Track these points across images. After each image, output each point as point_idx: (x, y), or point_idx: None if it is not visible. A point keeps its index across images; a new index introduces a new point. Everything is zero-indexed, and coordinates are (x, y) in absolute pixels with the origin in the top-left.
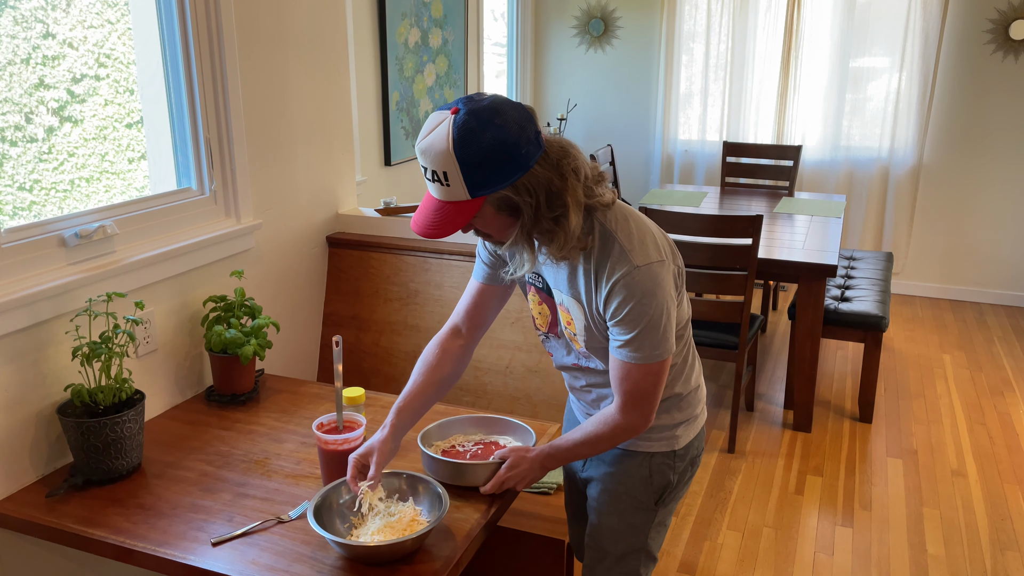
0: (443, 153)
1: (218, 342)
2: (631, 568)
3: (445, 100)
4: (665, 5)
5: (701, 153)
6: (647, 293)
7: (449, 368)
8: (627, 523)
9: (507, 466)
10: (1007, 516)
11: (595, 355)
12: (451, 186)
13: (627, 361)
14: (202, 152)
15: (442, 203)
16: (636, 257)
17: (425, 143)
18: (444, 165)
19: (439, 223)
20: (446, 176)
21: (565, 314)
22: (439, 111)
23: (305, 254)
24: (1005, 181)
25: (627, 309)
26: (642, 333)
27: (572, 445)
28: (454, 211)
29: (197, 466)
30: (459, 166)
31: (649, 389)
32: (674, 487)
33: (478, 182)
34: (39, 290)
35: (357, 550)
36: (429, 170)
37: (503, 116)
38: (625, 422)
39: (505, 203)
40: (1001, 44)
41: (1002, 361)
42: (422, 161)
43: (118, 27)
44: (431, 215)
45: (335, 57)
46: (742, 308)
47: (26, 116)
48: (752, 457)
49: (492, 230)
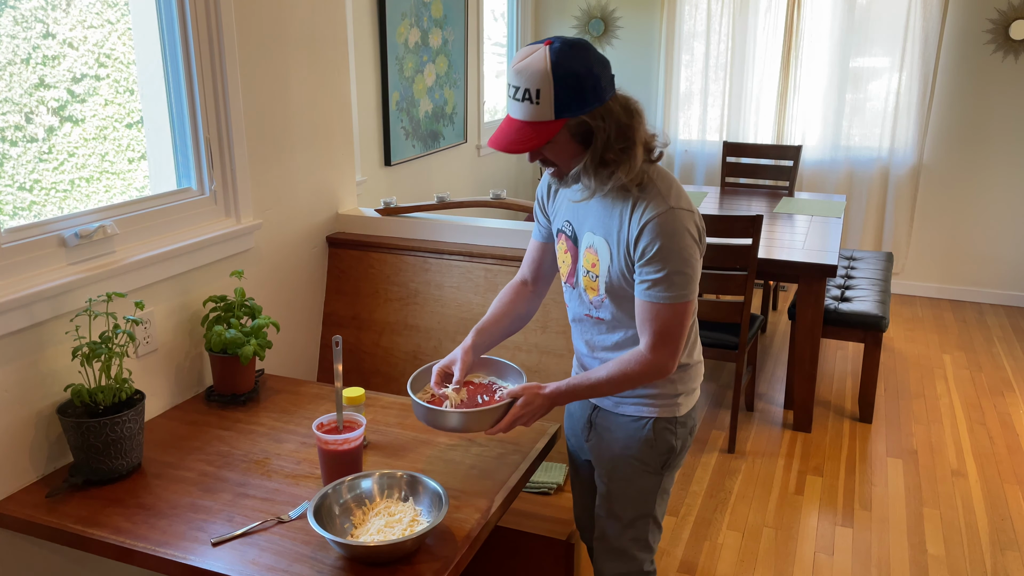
0: (540, 72)
1: (218, 342)
2: (641, 534)
3: (445, 100)
4: (665, 5)
5: (701, 153)
6: (678, 232)
7: (524, 307)
8: (636, 488)
9: (521, 403)
10: (1007, 516)
11: (609, 303)
12: (540, 104)
13: (656, 302)
14: (202, 152)
15: (523, 124)
16: (672, 200)
17: (522, 64)
18: (539, 83)
19: (519, 140)
20: (538, 94)
21: (591, 256)
22: (532, 44)
23: (305, 254)
24: (1005, 181)
25: (658, 246)
26: (671, 272)
27: (593, 383)
28: (533, 132)
29: (197, 466)
30: (553, 84)
31: (676, 330)
32: (677, 452)
33: (564, 103)
34: (39, 290)
35: (357, 550)
36: (521, 89)
37: (592, 52)
38: (654, 359)
39: (580, 129)
40: (1001, 44)
41: (1002, 361)
42: (515, 81)
43: (118, 27)
44: (512, 134)
45: (335, 57)
46: (742, 308)
47: (26, 116)
48: (752, 457)
49: (560, 158)
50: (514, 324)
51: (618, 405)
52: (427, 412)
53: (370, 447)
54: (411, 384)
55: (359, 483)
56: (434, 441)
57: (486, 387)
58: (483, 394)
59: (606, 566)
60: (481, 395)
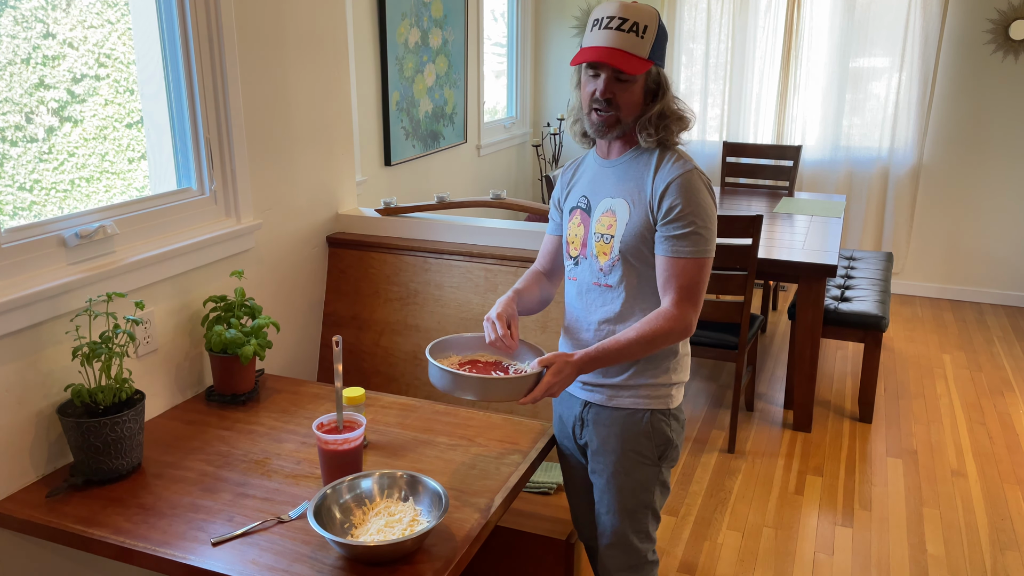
0: (651, 14)
1: (218, 342)
2: (641, 525)
3: (445, 100)
4: (665, 5)
5: (701, 153)
6: (702, 191)
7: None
8: (634, 479)
9: (553, 371)
10: (1007, 516)
11: (620, 265)
12: (644, 39)
13: (680, 257)
14: (202, 152)
15: (621, 52)
16: (696, 165)
17: (632, 4)
18: (648, 21)
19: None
20: (645, 30)
21: (607, 219)
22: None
23: (305, 254)
24: (1005, 181)
25: (684, 202)
26: (697, 228)
27: (623, 344)
28: (634, 60)
29: (197, 466)
30: (657, 28)
31: (699, 286)
32: (673, 444)
33: (656, 49)
34: (39, 290)
35: (357, 550)
36: (630, 22)
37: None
38: (680, 314)
39: (655, 80)
40: (1001, 44)
41: (1002, 361)
42: (622, 13)
43: (118, 27)
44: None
45: (335, 57)
46: (742, 308)
47: (26, 116)
48: (752, 457)
49: (628, 101)
50: (540, 299)
51: (612, 399)
52: (457, 380)
53: (370, 447)
54: (430, 351)
55: (359, 483)
56: (434, 441)
57: (494, 364)
58: (495, 371)
59: (611, 561)
60: (494, 372)
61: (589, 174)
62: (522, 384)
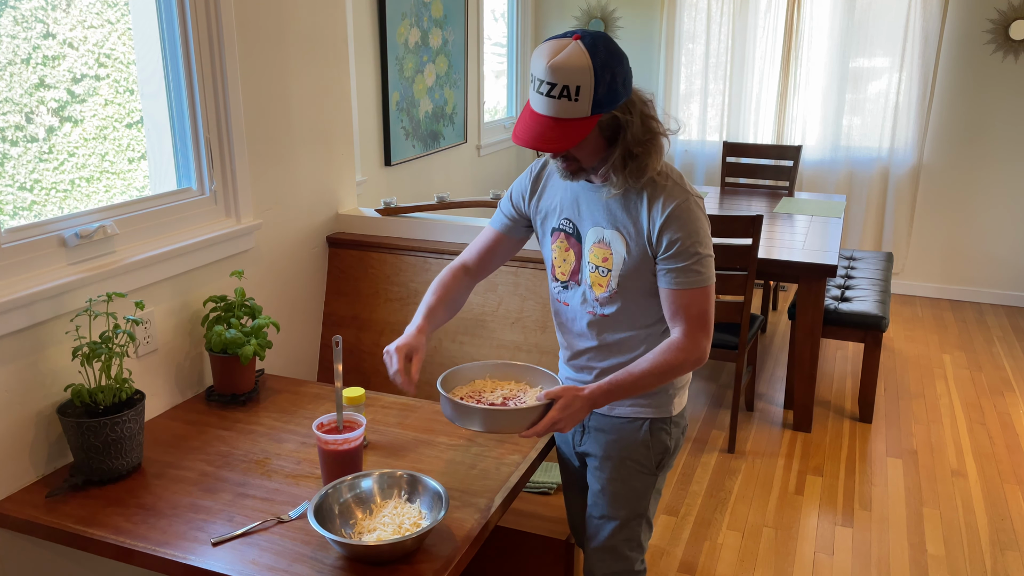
0: (581, 68)
1: (218, 342)
2: (633, 534)
3: (445, 100)
4: (665, 5)
5: (701, 153)
6: (699, 218)
7: (462, 295)
8: (631, 488)
9: (561, 405)
10: (1007, 516)
11: (619, 298)
12: (579, 101)
13: (688, 288)
14: (202, 152)
15: (554, 121)
16: (689, 189)
17: (558, 60)
18: (580, 80)
19: (552, 138)
20: (577, 91)
21: (602, 251)
22: (555, 39)
23: (305, 254)
24: (1005, 181)
25: (683, 235)
26: (700, 256)
27: (637, 377)
28: (567, 129)
29: (197, 466)
30: (594, 81)
31: (708, 313)
32: (671, 452)
33: (601, 99)
34: (39, 290)
35: (357, 550)
36: (558, 87)
37: (618, 47)
38: (694, 345)
39: (610, 124)
40: (1001, 44)
41: (1002, 361)
42: (551, 78)
43: (118, 27)
44: (544, 131)
45: (335, 57)
46: (742, 308)
47: (26, 116)
48: (752, 457)
49: (584, 154)
50: (458, 305)
51: (613, 407)
52: (460, 410)
53: (370, 447)
54: (441, 383)
55: (359, 483)
56: (434, 441)
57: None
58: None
59: (597, 566)
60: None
61: (570, 191)
62: (526, 416)
